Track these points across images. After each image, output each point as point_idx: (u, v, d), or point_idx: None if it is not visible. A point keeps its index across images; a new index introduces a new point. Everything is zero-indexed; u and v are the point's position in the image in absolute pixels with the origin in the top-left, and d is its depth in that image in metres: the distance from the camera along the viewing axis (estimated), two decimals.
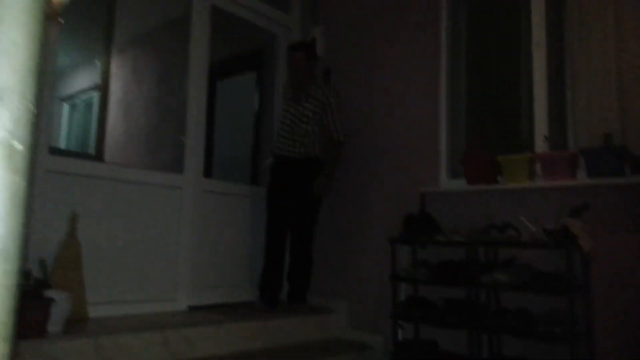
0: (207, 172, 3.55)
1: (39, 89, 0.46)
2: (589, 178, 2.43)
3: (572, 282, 2.20)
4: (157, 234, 3.05)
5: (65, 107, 5.74)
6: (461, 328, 2.51)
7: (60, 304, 2.30)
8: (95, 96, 5.42)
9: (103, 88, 4.58)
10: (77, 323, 2.50)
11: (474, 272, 2.48)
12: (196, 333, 2.63)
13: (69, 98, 5.64)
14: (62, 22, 2.65)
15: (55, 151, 3.32)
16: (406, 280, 2.83)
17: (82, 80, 5.56)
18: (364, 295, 3.29)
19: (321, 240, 3.59)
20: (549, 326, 2.18)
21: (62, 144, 5.52)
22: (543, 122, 2.74)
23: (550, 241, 2.29)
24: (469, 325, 2.48)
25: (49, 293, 2.27)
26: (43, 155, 2.59)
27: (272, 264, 3.27)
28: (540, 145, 2.73)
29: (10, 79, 0.42)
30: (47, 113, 2.68)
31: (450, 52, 3.19)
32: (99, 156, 4.12)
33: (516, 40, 3.01)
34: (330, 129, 3.23)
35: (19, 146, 0.42)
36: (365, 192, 3.40)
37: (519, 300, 2.42)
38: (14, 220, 0.42)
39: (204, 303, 3.20)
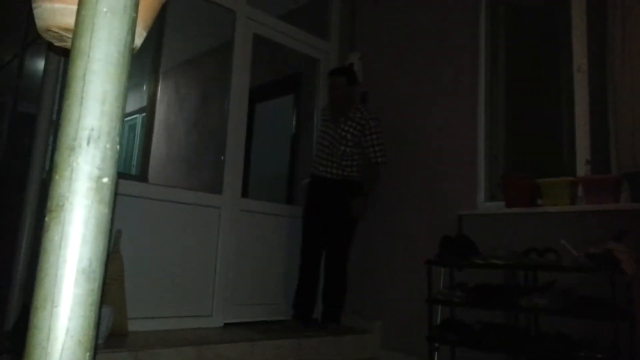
0: (244, 192, 3.64)
1: (122, 129, 0.52)
2: (633, 202, 2.37)
3: (615, 307, 2.13)
4: (196, 251, 3.14)
5: None
6: (499, 352, 2.46)
7: (104, 318, 2.38)
8: (139, 119, 5.65)
9: (149, 111, 4.78)
10: (118, 337, 2.58)
11: (513, 295, 2.44)
12: (230, 350, 2.67)
13: None
14: None
15: None
16: (442, 303, 2.79)
17: (128, 104, 5.82)
18: (399, 317, 3.27)
19: (357, 261, 3.60)
20: (591, 352, 2.12)
21: None
22: (585, 146, 2.71)
23: (592, 265, 2.23)
24: (507, 348, 2.42)
25: None
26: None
27: (306, 282, 3.31)
28: (582, 169, 2.69)
29: (101, 122, 0.49)
30: None
31: (489, 75, 3.19)
32: (143, 177, 4.27)
33: (557, 62, 3.00)
34: (369, 151, 3.27)
35: (106, 181, 0.48)
36: (402, 214, 3.40)
37: (559, 326, 2.36)
38: (99, 245, 0.47)
39: (239, 320, 3.24)
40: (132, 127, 5.70)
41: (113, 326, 2.56)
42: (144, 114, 5.54)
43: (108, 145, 0.48)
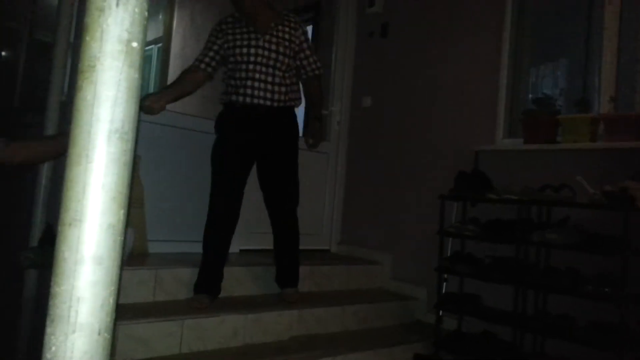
0: None
1: None
2: None
3: (627, 243, 2.14)
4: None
5: None
6: (508, 284, 2.52)
7: (125, 238, 2.46)
8: (155, 50, 5.58)
9: (165, 42, 4.72)
10: (138, 257, 2.68)
11: (525, 230, 2.46)
12: (244, 272, 2.78)
13: None
14: None
15: None
16: (454, 236, 2.83)
17: None
18: (409, 249, 3.34)
19: (370, 194, 3.64)
20: (599, 286, 2.16)
21: None
22: (610, 82, 2.63)
23: (607, 202, 2.23)
24: (516, 281, 2.47)
25: None
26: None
27: (221, 248, 2.64)
28: (605, 107, 2.62)
29: None
30: None
31: (516, 6, 3.06)
32: None
33: None
34: (308, 62, 2.71)
35: (135, 45, 0.48)
36: (416, 147, 3.39)
37: (569, 263, 2.39)
38: (131, 108, 0.49)
39: (254, 247, 3.33)
40: (148, 58, 5.65)
41: (134, 247, 2.66)
42: (159, 45, 5.48)
43: (137, 10, 0.48)
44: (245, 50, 2.56)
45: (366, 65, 3.87)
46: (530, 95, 3.08)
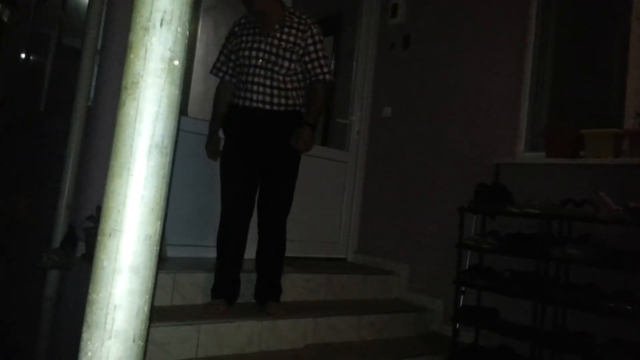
0: None
1: (192, 15, 0.54)
2: None
3: None
4: None
5: None
6: (527, 298, 2.49)
7: None
8: None
9: (190, 48, 4.80)
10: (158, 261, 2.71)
11: (545, 245, 2.43)
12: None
13: None
14: None
15: None
16: (473, 249, 2.82)
17: None
18: (427, 261, 3.32)
19: (388, 204, 3.64)
20: (621, 303, 2.12)
21: None
22: (636, 97, 2.59)
23: (631, 218, 2.20)
24: (536, 296, 2.45)
25: None
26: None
27: (234, 254, 2.62)
28: (630, 122, 2.59)
29: (173, 6, 0.50)
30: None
31: (539, 17, 3.05)
32: (183, 111, 4.37)
33: (612, 10, 2.84)
34: (314, 65, 2.58)
35: (177, 63, 0.50)
36: (436, 158, 3.39)
37: (590, 279, 2.36)
38: (171, 123, 0.51)
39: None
40: None
41: None
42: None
43: (179, 29, 0.50)
44: (247, 53, 2.53)
45: (386, 76, 3.88)
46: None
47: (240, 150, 2.56)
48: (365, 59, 3.96)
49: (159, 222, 0.48)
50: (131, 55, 0.48)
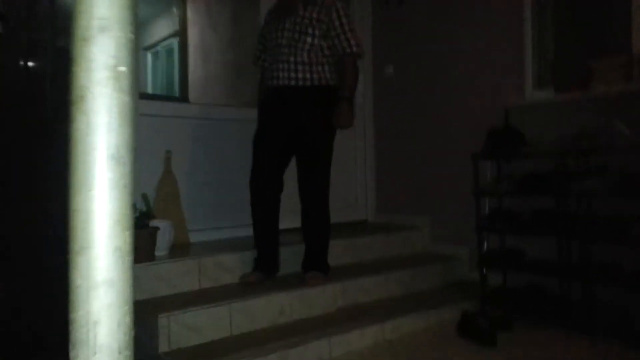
0: None
1: (134, 19, 0.53)
2: None
3: None
4: (243, 165, 3.22)
5: (148, 56, 6.05)
6: (550, 234, 2.47)
7: (164, 231, 2.56)
8: (175, 43, 5.62)
9: (182, 34, 4.76)
10: (180, 248, 2.78)
11: (563, 180, 2.39)
12: (286, 250, 2.82)
13: (151, 47, 5.92)
14: None
15: (144, 96, 3.55)
16: (489, 194, 2.79)
17: (162, 29, 5.79)
18: (447, 211, 3.32)
19: (402, 159, 3.62)
20: None
21: (149, 90, 5.86)
22: None
23: None
24: (559, 231, 2.42)
25: (154, 223, 2.53)
26: (135, 100, 2.80)
27: (269, 227, 2.70)
28: (638, 46, 2.48)
29: (112, 11, 0.49)
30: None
31: None
32: (184, 98, 4.36)
33: None
34: (340, 39, 2.58)
35: (123, 68, 0.49)
36: (444, 109, 3.33)
37: (612, 210, 2.32)
38: (125, 132, 0.50)
39: (294, 226, 3.37)
40: (170, 52, 5.71)
41: (175, 239, 2.75)
42: (178, 38, 5.51)
43: (121, 34, 0.49)
44: (273, 34, 2.61)
45: (385, 35, 3.80)
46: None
47: (268, 128, 2.62)
48: (361, 18, 3.87)
49: (127, 232, 0.48)
50: (75, 69, 0.48)
